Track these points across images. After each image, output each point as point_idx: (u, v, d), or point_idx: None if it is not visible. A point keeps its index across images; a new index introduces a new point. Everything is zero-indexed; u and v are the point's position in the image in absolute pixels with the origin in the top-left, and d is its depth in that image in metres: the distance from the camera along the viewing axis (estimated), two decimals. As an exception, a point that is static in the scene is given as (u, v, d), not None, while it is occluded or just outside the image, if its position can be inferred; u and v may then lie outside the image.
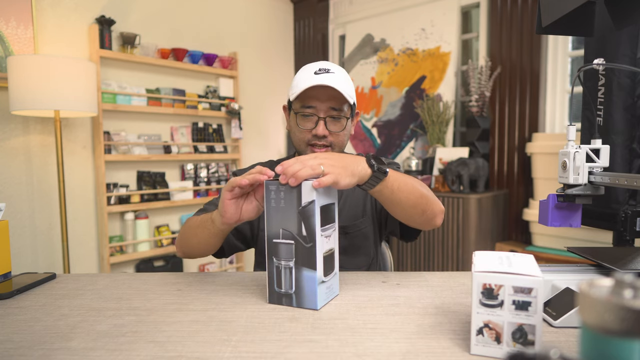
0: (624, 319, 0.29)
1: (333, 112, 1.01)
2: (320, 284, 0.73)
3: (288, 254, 0.74)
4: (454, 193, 2.34)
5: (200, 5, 2.92)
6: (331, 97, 1.00)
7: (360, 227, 1.08)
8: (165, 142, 2.68)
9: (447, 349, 0.58)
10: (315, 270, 0.72)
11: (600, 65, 0.80)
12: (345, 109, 1.03)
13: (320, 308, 0.73)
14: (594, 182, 0.79)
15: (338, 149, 1.05)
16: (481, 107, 2.57)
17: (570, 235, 2.21)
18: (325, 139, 1.02)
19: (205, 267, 2.92)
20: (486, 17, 2.68)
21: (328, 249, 0.75)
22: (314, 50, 3.58)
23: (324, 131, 1.01)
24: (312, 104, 1.01)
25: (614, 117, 1.02)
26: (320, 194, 0.72)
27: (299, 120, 1.04)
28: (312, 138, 1.02)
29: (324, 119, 1.01)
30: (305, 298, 0.73)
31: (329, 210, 0.75)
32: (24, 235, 2.13)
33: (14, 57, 1.87)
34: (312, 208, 0.71)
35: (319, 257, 0.72)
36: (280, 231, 0.74)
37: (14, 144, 2.11)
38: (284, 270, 0.75)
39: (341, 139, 1.05)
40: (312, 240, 0.72)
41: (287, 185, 0.72)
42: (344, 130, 1.04)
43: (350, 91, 1.02)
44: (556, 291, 0.71)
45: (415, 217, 0.91)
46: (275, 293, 0.76)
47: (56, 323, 0.68)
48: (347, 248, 1.06)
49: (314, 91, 1.00)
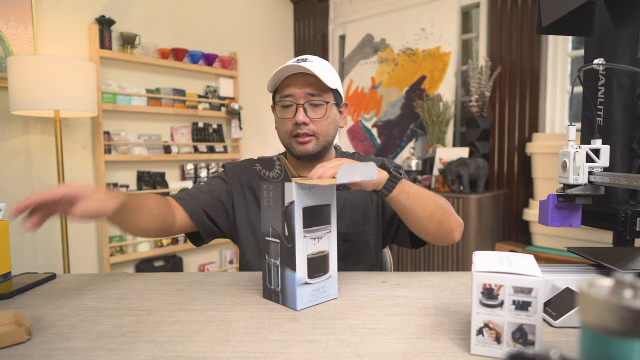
0: (624, 319, 0.29)
1: (312, 97, 0.98)
2: (302, 285, 0.72)
3: (275, 252, 0.75)
4: (454, 193, 2.34)
5: (200, 5, 2.92)
6: (309, 83, 0.97)
7: (362, 235, 1.05)
8: (165, 142, 2.68)
9: (447, 349, 0.58)
10: (295, 270, 0.72)
11: (600, 65, 0.80)
12: (325, 96, 1.00)
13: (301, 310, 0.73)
14: (594, 182, 0.79)
15: (323, 139, 1.01)
16: (481, 107, 2.57)
17: (570, 235, 2.21)
18: (307, 127, 0.98)
19: (205, 267, 2.92)
20: (486, 17, 2.69)
21: (317, 251, 0.74)
22: (314, 50, 3.58)
23: (304, 118, 0.97)
24: (290, 92, 0.98)
25: (614, 117, 1.02)
26: (304, 196, 0.72)
27: (279, 111, 1.01)
28: (294, 128, 0.99)
29: (303, 105, 0.98)
30: (288, 297, 0.74)
31: (320, 211, 0.75)
32: (24, 235, 2.13)
33: (14, 57, 1.87)
34: (292, 209, 0.71)
35: (298, 258, 0.71)
36: (270, 229, 0.76)
37: (14, 144, 2.11)
38: (273, 267, 0.76)
39: (325, 128, 1.00)
40: (292, 241, 0.72)
41: (276, 184, 0.73)
42: (326, 118, 1.00)
43: (330, 77, 0.98)
44: (556, 291, 0.71)
45: (432, 228, 0.90)
46: (267, 289, 0.78)
47: (56, 323, 0.68)
48: (347, 255, 1.04)
49: (290, 79, 0.98)
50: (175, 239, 2.69)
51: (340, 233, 1.03)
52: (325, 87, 0.99)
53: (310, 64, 0.96)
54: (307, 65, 0.94)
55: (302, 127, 0.98)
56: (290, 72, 0.98)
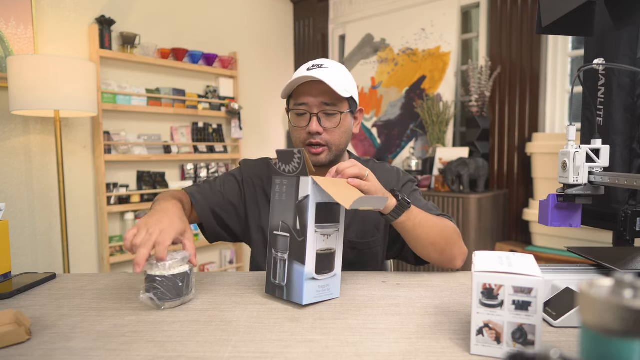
0: (624, 319, 0.29)
1: (326, 107, 0.97)
2: (309, 280, 0.73)
3: (284, 246, 0.76)
4: (454, 193, 2.34)
5: (200, 5, 2.92)
6: (323, 91, 0.96)
7: (371, 245, 1.05)
8: (165, 142, 2.68)
9: (447, 349, 0.58)
10: (304, 264, 0.72)
11: (600, 65, 0.80)
12: (340, 105, 0.98)
13: (307, 305, 0.73)
14: (594, 182, 0.79)
15: (336, 149, 1.00)
16: (481, 107, 2.57)
17: (570, 235, 2.21)
18: (320, 137, 0.97)
19: (205, 267, 2.92)
20: (486, 17, 2.68)
21: (325, 248, 0.75)
22: (314, 50, 3.58)
23: (317, 127, 0.96)
24: (304, 100, 0.97)
25: (614, 117, 1.02)
26: (318, 191, 0.73)
27: (293, 119, 1.01)
28: (307, 137, 0.98)
29: (317, 115, 0.97)
30: (294, 292, 0.74)
31: (331, 209, 0.76)
32: (24, 235, 2.13)
33: (14, 57, 1.87)
34: (306, 203, 0.72)
35: (309, 252, 0.72)
36: (280, 224, 0.77)
37: (14, 144, 2.11)
38: (280, 262, 0.77)
39: (338, 137, 0.99)
40: (303, 235, 0.72)
41: (290, 179, 0.75)
42: (340, 128, 0.99)
43: (345, 85, 0.97)
44: (556, 291, 0.71)
45: (434, 255, 0.92)
46: (271, 284, 0.78)
47: (56, 323, 0.68)
48: (354, 263, 1.03)
49: (305, 87, 0.97)
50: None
51: (350, 241, 1.03)
52: (340, 96, 0.97)
53: (325, 71, 0.95)
54: (321, 73, 0.94)
55: (315, 136, 0.98)
56: (304, 82, 0.97)
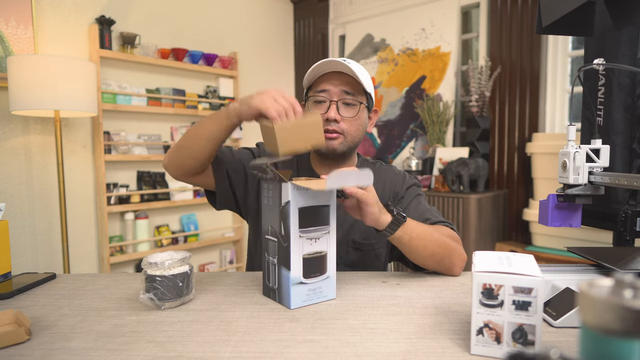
0: (624, 319, 0.29)
1: (346, 96, 0.99)
2: (296, 284, 0.73)
3: (273, 250, 0.76)
4: (454, 193, 2.34)
5: (200, 5, 2.92)
6: (345, 82, 0.98)
7: (375, 247, 1.05)
8: (165, 142, 2.68)
9: (447, 349, 0.58)
10: (289, 270, 0.72)
11: (600, 65, 0.80)
12: (359, 97, 1.00)
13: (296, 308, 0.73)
14: (594, 182, 0.79)
15: (351, 139, 1.01)
16: (481, 107, 2.57)
17: (570, 235, 2.21)
18: (337, 124, 0.98)
19: (205, 267, 2.92)
20: (486, 17, 2.68)
21: (314, 252, 0.75)
22: (314, 50, 3.58)
23: (336, 115, 0.97)
24: (325, 87, 0.99)
25: (614, 117, 1.02)
26: (300, 196, 0.72)
27: (312, 106, 1.02)
28: (324, 123, 0.98)
29: (337, 102, 0.98)
30: (283, 295, 0.74)
31: (319, 212, 0.75)
32: (24, 235, 2.13)
33: (14, 57, 1.87)
34: (287, 209, 0.72)
35: (293, 258, 0.72)
36: (269, 228, 0.77)
37: (14, 144, 2.11)
38: (271, 265, 0.77)
39: (354, 128, 1.00)
40: (287, 241, 0.72)
41: (274, 184, 0.74)
42: (357, 119, 1.00)
43: (366, 81, 0.99)
44: (556, 291, 0.71)
45: (432, 264, 0.92)
46: (266, 286, 0.79)
47: (56, 323, 0.68)
48: (357, 263, 1.04)
49: (327, 76, 0.99)
50: (175, 239, 2.69)
51: (354, 241, 1.03)
52: (360, 89, 1.00)
53: (348, 64, 0.97)
54: (345, 65, 0.96)
55: (332, 123, 0.98)
56: (330, 69, 0.99)
